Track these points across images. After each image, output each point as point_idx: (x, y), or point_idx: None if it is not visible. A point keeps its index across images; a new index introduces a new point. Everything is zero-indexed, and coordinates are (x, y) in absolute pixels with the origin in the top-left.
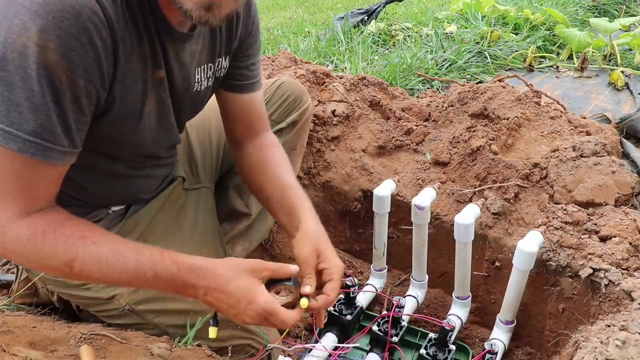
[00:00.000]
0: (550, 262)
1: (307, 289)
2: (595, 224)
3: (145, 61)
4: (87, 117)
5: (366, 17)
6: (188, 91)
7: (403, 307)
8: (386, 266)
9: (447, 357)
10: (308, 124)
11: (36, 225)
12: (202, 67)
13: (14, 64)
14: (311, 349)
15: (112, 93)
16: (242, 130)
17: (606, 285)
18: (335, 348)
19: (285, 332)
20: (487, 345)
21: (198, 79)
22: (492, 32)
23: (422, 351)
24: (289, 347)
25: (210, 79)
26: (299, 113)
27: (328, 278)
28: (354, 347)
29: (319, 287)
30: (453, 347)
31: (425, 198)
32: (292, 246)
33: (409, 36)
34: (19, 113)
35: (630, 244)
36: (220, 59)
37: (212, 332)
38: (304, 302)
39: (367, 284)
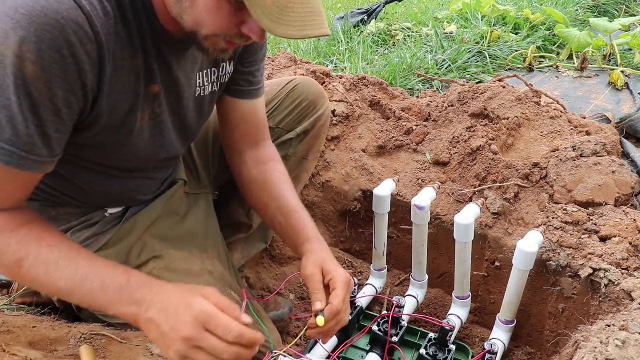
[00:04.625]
0: (550, 262)
1: (318, 305)
2: (595, 224)
3: (138, 75)
4: (69, 126)
5: (366, 17)
6: (191, 97)
7: (403, 307)
8: (386, 266)
9: (447, 357)
10: (324, 129)
11: None
12: (205, 71)
13: None
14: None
15: (99, 106)
16: (240, 138)
17: (606, 285)
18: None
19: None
20: (487, 345)
21: (200, 83)
22: (492, 32)
23: (422, 351)
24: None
25: (215, 84)
26: (311, 121)
27: (332, 287)
28: (353, 347)
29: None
30: (453, 347)
31: (425, 198)
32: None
33: (409, 36)
34: None
35: (630, 244)
36: (225, 64)
37: (320, 320)
38: (319, 320)
39: (367, 284)
